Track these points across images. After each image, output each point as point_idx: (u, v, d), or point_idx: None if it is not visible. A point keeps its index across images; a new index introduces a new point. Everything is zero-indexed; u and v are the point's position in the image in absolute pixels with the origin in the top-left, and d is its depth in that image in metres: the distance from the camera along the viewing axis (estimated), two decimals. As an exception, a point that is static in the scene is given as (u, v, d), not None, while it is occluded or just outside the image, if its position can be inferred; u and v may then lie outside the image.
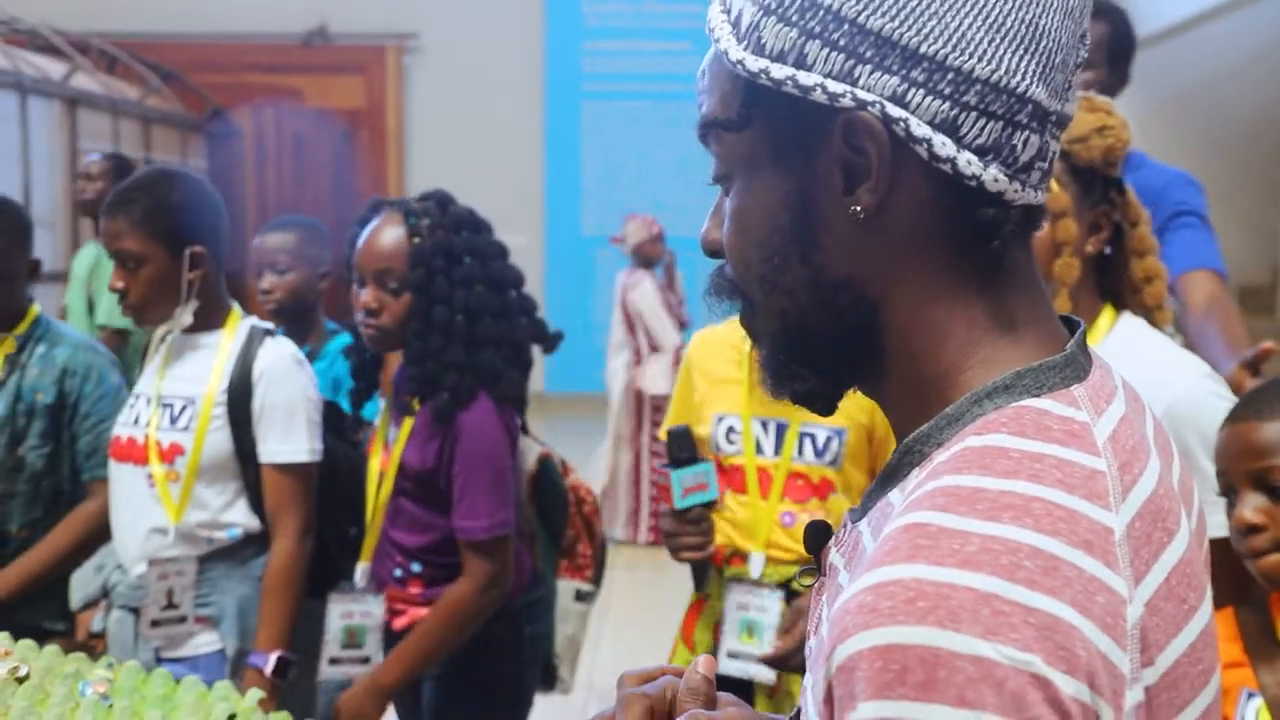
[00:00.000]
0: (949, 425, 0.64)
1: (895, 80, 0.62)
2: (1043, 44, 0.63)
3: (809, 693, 0.65)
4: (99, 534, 2.24)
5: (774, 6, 0.65)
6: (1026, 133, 0.64)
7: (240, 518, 2.09)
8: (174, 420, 2.06)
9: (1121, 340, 1.54)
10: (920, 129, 0.62)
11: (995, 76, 0.62)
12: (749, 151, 0.68)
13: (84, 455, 2.31)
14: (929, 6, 0.62)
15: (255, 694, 1.58)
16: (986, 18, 0.62)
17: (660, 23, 9.51)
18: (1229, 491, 1.35)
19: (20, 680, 1.55)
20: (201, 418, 2.04)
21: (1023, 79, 0.63)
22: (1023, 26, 0.62)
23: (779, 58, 0.64)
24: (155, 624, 2.03)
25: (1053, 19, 0.63)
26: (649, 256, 5.79)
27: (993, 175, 0.63)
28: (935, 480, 0.60)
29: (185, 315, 2.07)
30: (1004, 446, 0.60)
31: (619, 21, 9.59)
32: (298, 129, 8.84)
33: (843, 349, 0.68)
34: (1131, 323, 1.57)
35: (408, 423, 2.01)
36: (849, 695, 0.55)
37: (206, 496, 2.07)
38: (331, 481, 2.17)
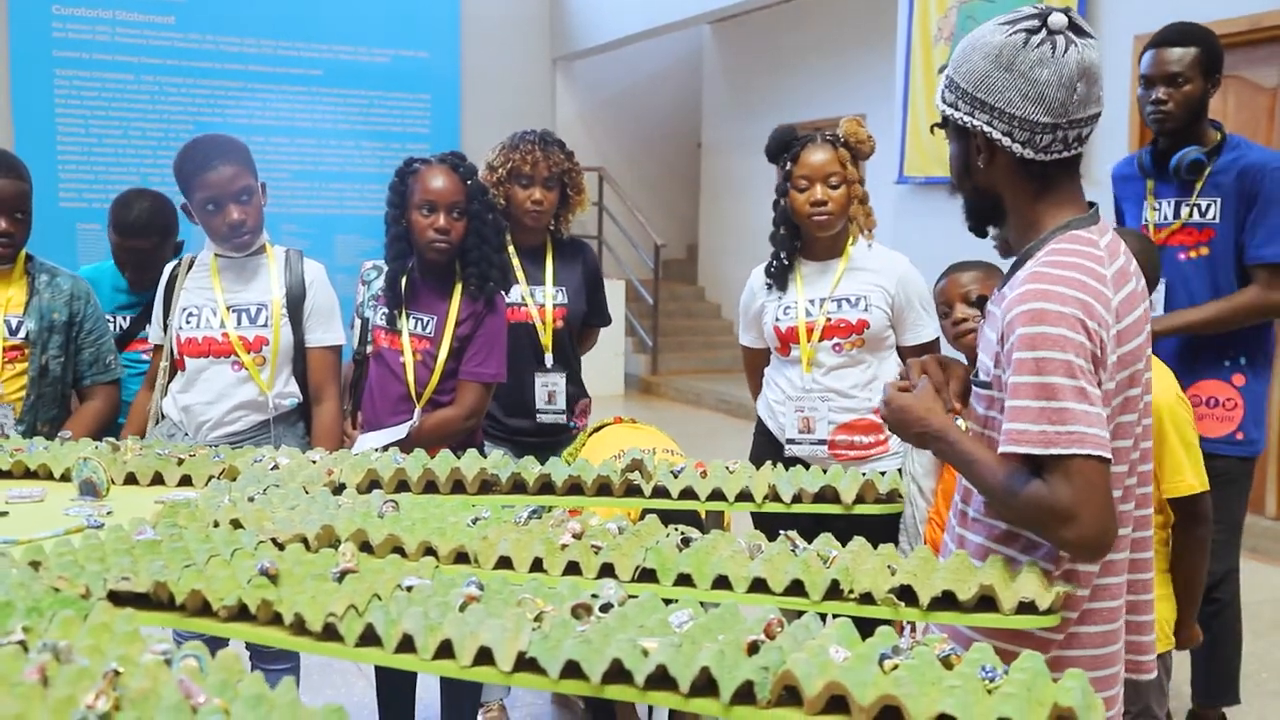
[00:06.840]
0: (1040, 243, 1.61)
1: (988, 117, 1.58)
2: (1046, 99, 1.54)
3: (986, 353, 1.67)
4: (104, 424, 2.80)
5: (951, 87, 1.62)
6: (1043, 134, 1.57)
7: (295, 390, 2.78)
8: (252, 320, 2.71)
9: (864, 246, 2.87)
10: (998, 137, 1.59)
11: (1024, 115, 1.56)
12: (948, 136, 1.69)
13: (86, 364, 2.83)
14: (1000, 89, 1.56)
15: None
16: (1020, 93, 1.55)
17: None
18: (945, 313, 2.58)
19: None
20: (275, 316, 2.73)
21: (1037, 115, 1.55)
22: (1038, 94, 1.54)
23: (950, 106, 1.63)
24: None
25: (1053, 90, 1.54)
26: None
27: (1030, 153, 1.58)
28: (1042, 258, 1.57)
29: (265, 237, 2.79)
30: (1065, 246, 1.57)
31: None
32: None
33: (990, 212, 1.69)
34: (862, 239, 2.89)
35: (454, 308, 2.80)
36: (1015, 328, 1.52)
37: (281, 375, 2.74)
38: None
